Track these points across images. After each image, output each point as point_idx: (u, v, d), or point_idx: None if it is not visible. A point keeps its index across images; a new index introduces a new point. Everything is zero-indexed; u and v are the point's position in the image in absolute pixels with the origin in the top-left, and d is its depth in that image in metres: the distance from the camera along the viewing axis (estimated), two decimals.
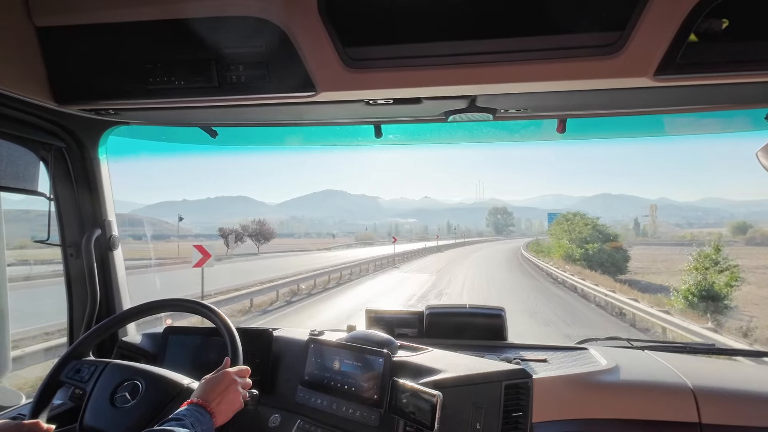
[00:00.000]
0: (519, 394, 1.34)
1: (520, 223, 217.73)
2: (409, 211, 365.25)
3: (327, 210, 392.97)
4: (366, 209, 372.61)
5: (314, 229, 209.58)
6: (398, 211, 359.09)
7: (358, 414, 1.34)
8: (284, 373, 1.57)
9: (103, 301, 1.81)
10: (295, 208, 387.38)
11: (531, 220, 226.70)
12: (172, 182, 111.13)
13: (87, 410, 1.24)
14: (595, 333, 7.20)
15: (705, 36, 1.02)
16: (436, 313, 1.93)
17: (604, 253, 32.84)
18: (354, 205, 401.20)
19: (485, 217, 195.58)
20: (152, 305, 1.49)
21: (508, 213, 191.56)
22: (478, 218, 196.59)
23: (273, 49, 1.18)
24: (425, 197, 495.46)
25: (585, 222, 37.63)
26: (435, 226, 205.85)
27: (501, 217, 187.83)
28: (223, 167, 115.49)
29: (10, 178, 1.45)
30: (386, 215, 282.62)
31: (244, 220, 63.13)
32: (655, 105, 1.44)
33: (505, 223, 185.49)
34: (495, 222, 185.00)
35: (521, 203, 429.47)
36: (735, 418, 1.33)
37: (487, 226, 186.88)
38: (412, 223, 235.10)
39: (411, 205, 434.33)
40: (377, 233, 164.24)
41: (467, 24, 1.10)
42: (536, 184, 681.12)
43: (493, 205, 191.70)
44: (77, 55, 1.27)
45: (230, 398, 1.12)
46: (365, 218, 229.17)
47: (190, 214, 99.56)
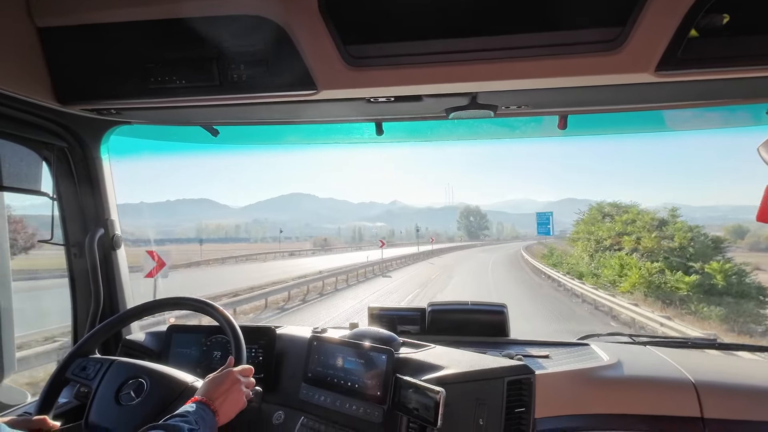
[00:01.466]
0: (521, 390, 1.34)
1: (492, 227, 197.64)
2: (377, 215, 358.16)
3: (293, 213, 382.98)
4: (334, 212, 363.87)
5: (274, 233, 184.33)
6: (366, 215, 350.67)
7: (362, 411, 1.35)
8: (287, 371, 1.58)
9: (106, 299, 1.82)
10: (261, 211, 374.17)
11: (502, 224, 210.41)
12: (133, 183, 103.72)
13: (92, 408, 1.25)
14: None
15: (706, 31, 1.02)
16: (439, 310, 1.93)
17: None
18: (323, 209, 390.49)
19: (456, 220, 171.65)
20: (158, 303, 1.50)
21: (482, 215, 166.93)
22: (448, 221, 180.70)
23: (274, 48, 1.18)
24: (394, 201, 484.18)
25: (679, 226, 19.12)
26: (402, 229, 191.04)
27: (474, 220, 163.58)
28: (185, 166, 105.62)
29: (13, 178, 1.46)
30: (354, 218, 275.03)
31: (201, 224, 59.58)
32: (656, 100, 1.44)
33: (479, 226, 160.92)
34: (467, 225, 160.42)
35: (491, 207, 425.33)
36: (737, 413, 1.34)
37: (459, 229, 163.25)
38: (379, 227, 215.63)
39: (380, 209, 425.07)
40: (341, 237, 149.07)
41: (468, 21, 1.10)
42: (504, 189, 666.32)
43: (465, 207, 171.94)
44: (79, 56, 1.28)
45: (234, 397, 1.12)
46: (333, 221, 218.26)
47: (147, 217, 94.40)
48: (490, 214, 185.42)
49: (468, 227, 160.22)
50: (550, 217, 46.70)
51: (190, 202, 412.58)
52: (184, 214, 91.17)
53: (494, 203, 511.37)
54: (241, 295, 13.92)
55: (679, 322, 10.81)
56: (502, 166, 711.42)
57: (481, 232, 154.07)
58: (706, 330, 10.56)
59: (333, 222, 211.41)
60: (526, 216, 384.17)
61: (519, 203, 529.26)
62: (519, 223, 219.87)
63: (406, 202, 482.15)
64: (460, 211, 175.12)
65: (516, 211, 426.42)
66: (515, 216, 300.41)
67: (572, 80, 1.16)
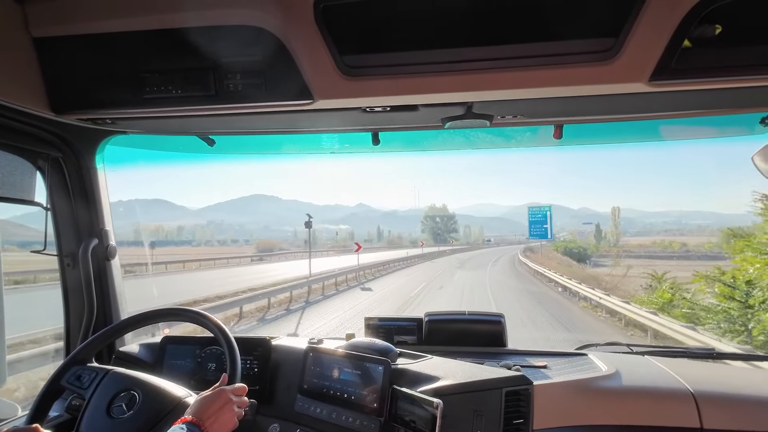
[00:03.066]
0: (519, 401, 1.33)
1: (459, 230, 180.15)
2: (342, 218, 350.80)
3: (253, 215, 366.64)
4: (297, 215, 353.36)
5: (228, 235, 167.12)
6: (331, 218, 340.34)
7: (358, 423, 1.33)
8: (283, 382, 1.56)
9: (100, 311, 1.80)
10: (219, 213, 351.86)
11: (470, 227, 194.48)
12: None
13: (83, 420, 1.23)
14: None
15: (699, 41, 1.03)
16: (436, 320, 1.92)
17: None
18: (285, 211, 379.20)
19: (421, 221, 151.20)
20: (155, 313, 1.48)
21: (450, 216, 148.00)
22: (413, 224, 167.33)
23: (270, 58, 1.18)
24: (360, 203, 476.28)
25: None
26: (365, 232, 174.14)
27: (440, 221, 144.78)
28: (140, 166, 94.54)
29: (6, 188, 1.45)
30: (318, 221, 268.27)
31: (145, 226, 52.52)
32: (650, 110, 1.45)
33: (446, 228, 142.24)
34: (433, 227, 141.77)
35: (459, 211, 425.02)
36: (736, 423, 1.33)
37: (423, 231, 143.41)
38: (342, 229, 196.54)
39: (345, 212, 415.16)
40: (296, 240, 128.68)
41: (463, 31, 1.11)
42: (470, 193, 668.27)
43: (430, 206, 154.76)
44: (74, 65, 1.28)
45: (225, 417, 1.10)
46: (294, 224, 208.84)
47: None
48: (457, 217, 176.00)
49: (434, 229, 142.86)
50: (548, 215, 34.95)
51: (144, 203, 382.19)
52: (137, 216, 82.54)
53: (460, 207, 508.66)
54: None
55: None
56: (468, 171, 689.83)
57: (448, 234, 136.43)
58: None
59: (294, 224, 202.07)
60: (492, 220, 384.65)
61: (483, 207, 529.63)
62: (485, 227, 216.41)
63: (372, 205, 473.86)
64: (424, 212, 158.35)
65: (481, 214, 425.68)
66: (481, 219, 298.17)
67: (567, 90, 1.16)
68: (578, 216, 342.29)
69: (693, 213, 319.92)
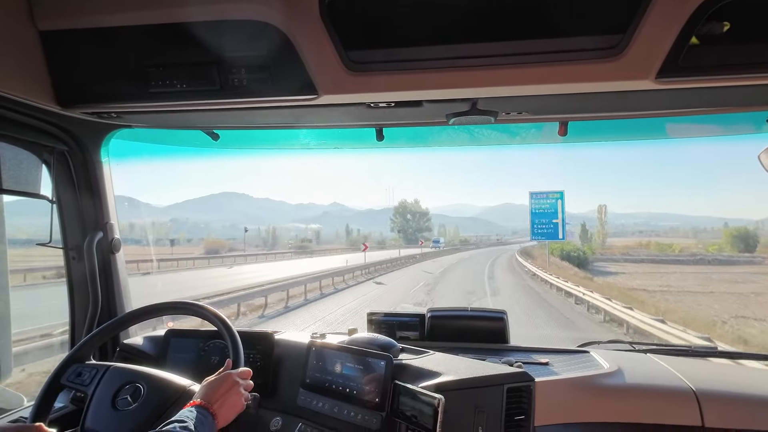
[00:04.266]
0: (521, 398, 1.33)
1: (433, 229, 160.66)
2: (314, 217, 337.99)
3: (221, 213, 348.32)
4: (269, 213, 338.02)
5: (181, 234, 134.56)
6: (303, 217, 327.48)
7: (360, 417, 1.34)
8: (286, 376, 1.57)
9: (104, 303, 1.81)
10: (188, 211, 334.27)
11: (445, 227, 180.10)
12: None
13: (88, 413, 1.24)
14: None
15: (706, 39, 1.02)
16: (438, 316, 1.92)
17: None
18: (256, 209, 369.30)
19: (390, 218, 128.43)
20: (155, 308, 1.49)
21: (423, 213, 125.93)
22: (386, 223, 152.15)
23: (275, 53, 1.18)
24: (334, 202, 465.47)
25: None
26: (334, 231, 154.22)
27: (412, 219, 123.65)
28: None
29: (12, 181, 1.45)
30: (289, 220, 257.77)
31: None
32: (656, 108, 1.44)
33: (418, 226, 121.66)
34: (403, 225, 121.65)
35: (434, 210, 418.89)
36: (738, 422, 1.33)
37: (393, 230, 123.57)
38: (313, 229, 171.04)
39: (318, 210, 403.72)
40: (255, 240, 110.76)
41: (468, 27, 1.11)
42: (445, 193, 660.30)
43: (401, 202, 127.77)
44: (80, 59, 1.28)
45: (232, 400, 1.12)
46: (264, 222, 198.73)
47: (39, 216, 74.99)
48: (432, 217, 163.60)
49: (404, 227, 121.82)
50: (558, 205, 21.95)
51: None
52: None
53: (435, 207, 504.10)
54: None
55: None
56: (443, 171, 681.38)
57: (421, 234, 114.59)
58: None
59: (264, 223, 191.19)
60: (467, 220, 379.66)
61: (458, 207, 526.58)
62: (461, 227, 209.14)
63: (346, 204, 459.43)
64: (394, 207, 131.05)
65: (456, 214, 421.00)
66: (456, 219, 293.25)
67: (573, 87, 1.16)
68: None
69: (661, 215, 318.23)
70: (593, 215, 36.72)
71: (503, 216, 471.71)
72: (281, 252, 57.13)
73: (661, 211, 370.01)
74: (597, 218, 72.57)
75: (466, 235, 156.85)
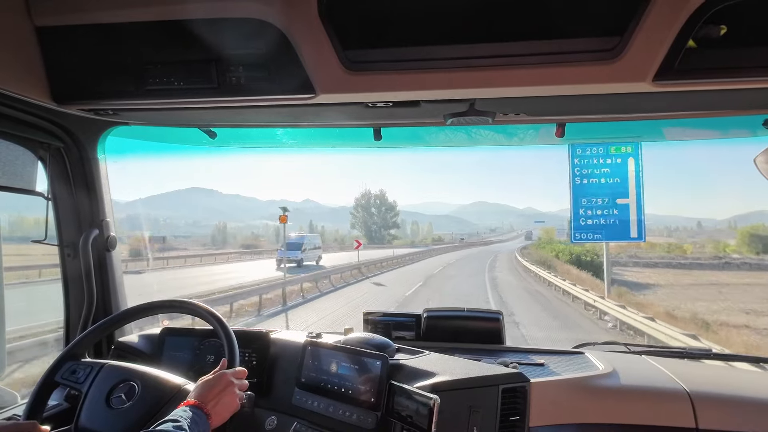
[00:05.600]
0: (516, 398, 1.33)
1: (405, 227, 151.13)
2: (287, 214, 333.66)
3: (185, 210, 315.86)
4: (238, 210, 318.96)
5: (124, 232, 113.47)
6: (274, 213, 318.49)
7: (355, 417, 1.34)
8: (281, 376, 1.57)
9: (100, 301, 1.80)
10: (150, 207, 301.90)
11: (418, 224, 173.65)
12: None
13: (82, 411, 1.24)
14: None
15: (704, 42, 1.03)
16: (434, 317, 1.92)
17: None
18: (224, 206, 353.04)
19: (350, 212, 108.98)
20: (150, 306, 1.49)
21: (390, 206, 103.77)
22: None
23: (273, 51, 1.18)
24: (307, 199, 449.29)
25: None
26: (297, 228, 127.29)
27: (377, 213, 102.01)
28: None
29: (7, 178, 1.45)
30: (258, 217, 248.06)
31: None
32: (653, 110, 1.44)
33: (383, 223, 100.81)
34: (365, 220, 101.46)
35: (407, 208, 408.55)
36: (732, 424, 1.33)
37: (354, 227, 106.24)
38: (273, 226, 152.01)
39: (289, 207, 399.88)
40: (196, 237, 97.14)
41: (466, 28, 1.11)
42: (419, 191, 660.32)
43: (365, 193, 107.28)
44: (77, 55, 1.27)
45: (227, 400, 1.12)
46: (232, 219, 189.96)
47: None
48: (406, 214, 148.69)
49: (367, 223, 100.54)
50: (631, 168, 8.97)
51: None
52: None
53: (411, 204, 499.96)
54: None
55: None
56: (420, 170, 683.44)
57: (387, 231, 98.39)
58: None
59: (232, 220, 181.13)
60: (438, 217, 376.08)
61: (433, 206, 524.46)
62: (435, 225, 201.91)
63: (319, 201, 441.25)
64: (355, 198, 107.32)
65: (431, 212, 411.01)
66: (430, 217, 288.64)
67: (570, 88, 1.16)
68: (525, 215, 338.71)
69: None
70: (564, 214, 34.82)
71: (475, 214, 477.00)
72: (225, 253, 49.06)
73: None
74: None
75: (440, 233, 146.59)
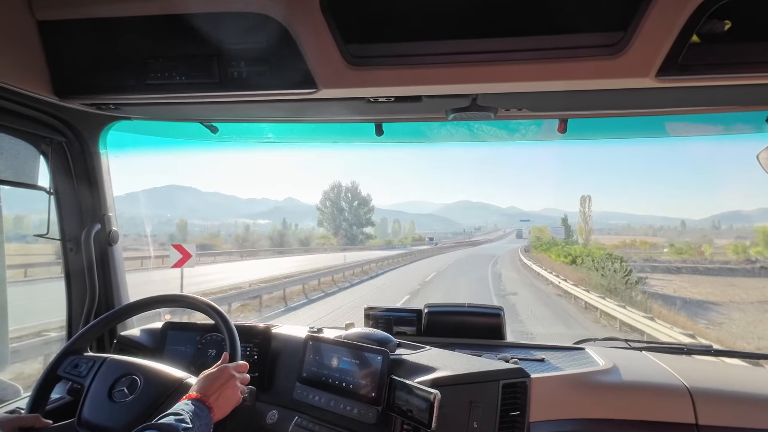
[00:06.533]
0: (516, 394, 1.34)
1: (386, 225, 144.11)
2: (266, 211, 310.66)
3: (159, 208, 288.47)
4: (217, 208, 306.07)
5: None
6: (253, 212, 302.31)
7: (356, 411, 1.35)
8: (282, 370, 1.57)
9: (102, 295, 1.81)
10: (127, 204, 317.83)
11: (399, 222, 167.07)
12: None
13: (85, 405, 1.24)
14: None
15: (707, 37, 1.02)
16: (435, 312, 1.93)
17: None
18: (202, 203, 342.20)
19: (317, 207, 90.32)
20: (152, 300, 1.49)
21: (364, 201, 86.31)
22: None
23: (274, 46, 1.18)
24: (289, 197, 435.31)
25: None
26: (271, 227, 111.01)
27: (348, 209, 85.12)
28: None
29: (9, 172, 1.45)
30: (237, 215, 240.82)
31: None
32: (656, 106, 1.44)
33: (356, 220, 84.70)
34: (334, 217, 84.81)
35: (390, 207, 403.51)
36: (732, 420, 1.34)
37: (321, 224, 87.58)
38: (263, 224, 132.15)
39: (270, 205, 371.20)
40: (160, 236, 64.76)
41: (469, 22, 1.10)
42: (403, 190, 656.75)
43: (334, 184, 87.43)
44: (78, 49, 1.27)
45: (228, 393, 1.12)
46: (209, 218, 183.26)
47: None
48: (388, 212, 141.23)
49: (336, 220, 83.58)
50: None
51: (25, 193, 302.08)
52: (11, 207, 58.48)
53: (395, 203, 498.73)
54: None
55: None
56: (405, 169, 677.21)
57: (360, 229, 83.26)
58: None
59: (207, 219, 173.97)
60: (422, 216, 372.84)
61: (416, 205, 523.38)
62: (418, 224, 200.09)
63: (301, 200, 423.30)
64: (323, 192, 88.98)
65: (413, 210, 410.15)
66: (413, 215, 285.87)
67: (572, 84, 1.15)
68: (508, 214, 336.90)
69: (608, 214, 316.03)
70: (547, 213, 32.73)
71: (459, 213, 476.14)
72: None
73: (609, 210, 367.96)
74: (580, 212, 59.86)
75: (420, 232, 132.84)
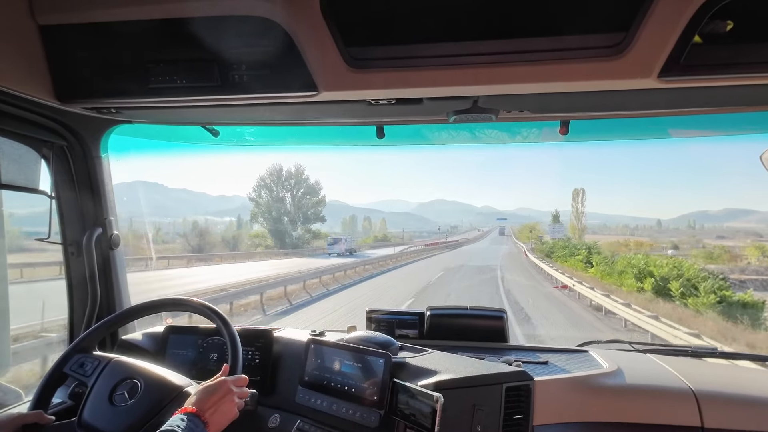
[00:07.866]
0: (520, 397, 1.33)
1: (355, 223, 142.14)
2: (233, 209, 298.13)
3: (129, 205, 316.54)
4: (185, 205, 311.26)
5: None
6: (221, 209, 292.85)
7: (358, 415, 1.34)
8: (284, 374, 1.57)
9: (104, 299, 1.81)
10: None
11: (370, 219, 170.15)
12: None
13: (86, 406, 1.24)
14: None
15: (710, 37, 1.02)
16: (437, 315, 1.92)
17: None
18: (171, 201, 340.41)
19: (250, 198, 59.37)
20: (157, 304, 1.50)
21: (313, 190, 60.24)
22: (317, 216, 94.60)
23: (275, 49, 1.18)
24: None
25: None
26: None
27: (291, 200, 58.84)
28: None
29: (11, 176, 1.45)
30: (203, 213, 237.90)
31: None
32: (659, 107, 1.43)
33: (306, 215, 58.72)
34: (271, 209, 57.11)
35: (365, 205, 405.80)
36: (738, 423, 1.32)
37: (254, 220, 59.86)
38: (225, 221, 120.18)
39: (238, 202, 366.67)
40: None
41: (470, 25, 1.10)
42: (378, 189, 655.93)
43: (275, 168, 57.58)
44: (80, 54, 1.27)
45: (225, 408, 1.12)
46: (173, 215, 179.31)
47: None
48: (362, 210, 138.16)
49: (273, 215, 58.60)
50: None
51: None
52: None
53: (370, 202, 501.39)
54: None
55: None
56: (382, 168, 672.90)
57: (306, 227, 60.56)
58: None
59: (171, 216, 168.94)
60: (397, 215, 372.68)
61: (392, 203, 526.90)
62: (392, 223, 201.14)
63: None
64: (259, 177, 62.66)
65: (389, 209, 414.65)
66: (387, 214, 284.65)
67: (574, 85, 1.15)
68: (483, 214, 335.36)
69: (588, 213, 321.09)
70: (522, 213, 31.78)
71: (434, 212, 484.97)
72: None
73: (585, 210, 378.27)
74: (572, 208, 55.92)
75: (396, 231, 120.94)
